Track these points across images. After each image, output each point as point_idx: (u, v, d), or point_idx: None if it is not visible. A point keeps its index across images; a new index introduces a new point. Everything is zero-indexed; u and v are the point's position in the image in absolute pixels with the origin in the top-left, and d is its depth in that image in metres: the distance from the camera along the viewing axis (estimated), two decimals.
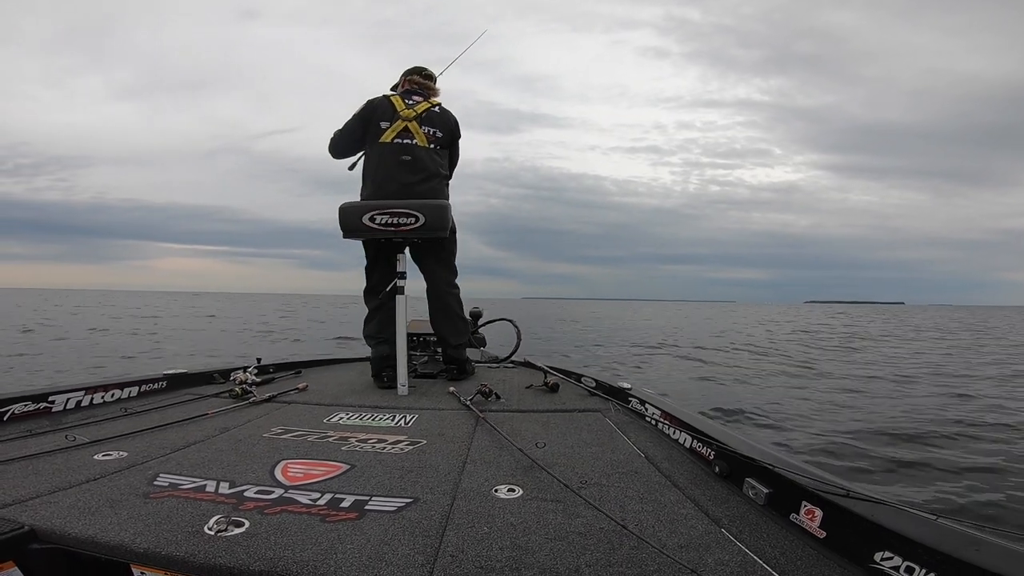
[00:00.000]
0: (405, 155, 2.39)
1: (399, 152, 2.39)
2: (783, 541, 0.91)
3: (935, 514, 0.79)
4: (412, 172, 2.39)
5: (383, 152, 2.40)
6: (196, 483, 1.12)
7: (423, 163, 2.42)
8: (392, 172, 2.38)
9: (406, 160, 2.39)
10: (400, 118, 2.42)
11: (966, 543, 0.71)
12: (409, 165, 2.39)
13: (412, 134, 2.42)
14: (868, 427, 4.37)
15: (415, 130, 2.43)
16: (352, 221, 2.19)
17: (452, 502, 1.05)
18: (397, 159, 2.39)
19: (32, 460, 1.24)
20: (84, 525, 0.89)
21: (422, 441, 1.50)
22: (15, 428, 1.53)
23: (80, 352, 9.22)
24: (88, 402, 1.85)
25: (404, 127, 2.42)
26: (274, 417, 1.78)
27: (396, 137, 2.40)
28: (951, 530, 0.75)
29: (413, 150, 2.41)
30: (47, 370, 6.93)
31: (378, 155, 2.41)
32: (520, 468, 1.27)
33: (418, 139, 2.43)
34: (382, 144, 2.40)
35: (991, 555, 0.67)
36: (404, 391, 2.22)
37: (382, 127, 2.41)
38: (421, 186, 2.39)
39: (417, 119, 2.44)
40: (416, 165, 2.40)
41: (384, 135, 2.40)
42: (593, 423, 1.75)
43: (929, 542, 0.73)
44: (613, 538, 0.89)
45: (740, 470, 1.17)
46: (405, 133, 2.42)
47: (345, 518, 0.95)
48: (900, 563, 0.74)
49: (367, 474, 1.21)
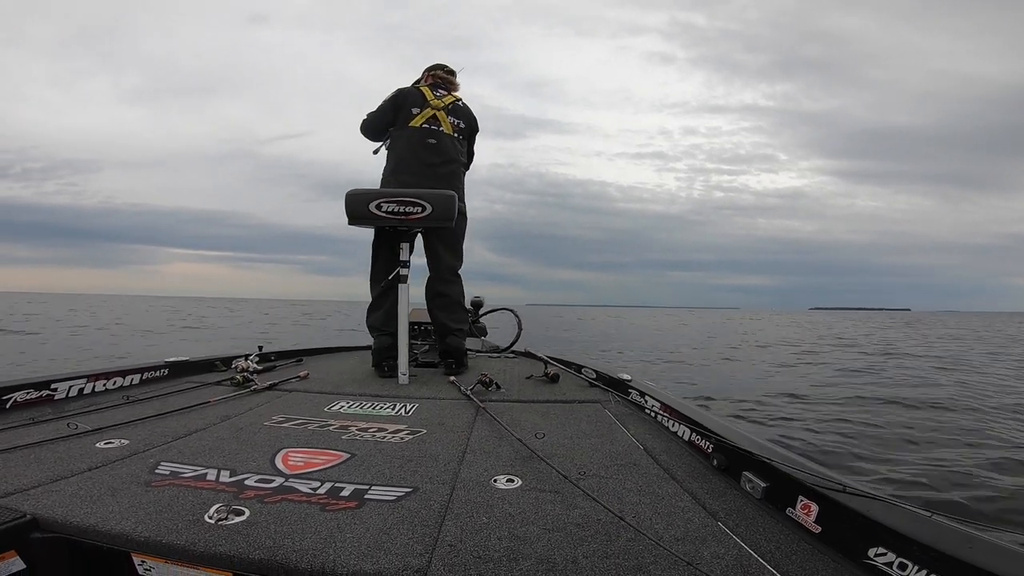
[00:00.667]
0: (431, 139, 2.58)
1: (426, 136, 2.58)
2: (779, 535, 0.91)
3: (930, 511, 0.79)
4: (435, 154, 2.57)
5: (411, 134, 2.57)
6: (197, 471, 1.12)
7: (446, 148, 2.60)
8: (417, 151, 2.56)
9: (431, 143, 2.57)
10: (430, 106, 2.61)
11: (960, 540, 0.71)
12: (433, 148, 2.57)
13: (439, 122, 2.61)
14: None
15: (442, 118, 2.62)
16: (358, 208, 2.17)
17: (451, 492, 1.06)
18: (424, 141, 2.57)
19: (34, 448, 1.25)
20: (85, 514, 0.90)
21: (422, 430, 1.50)
22: (17, 416, 1.54)
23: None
24: (90, 389, 1.86)
25: (432, 115, 2.61)
26: (275, 405, 1.79)
27: (424, 123, 2.59)
28: (945, 527, 0.75)
29: (439, 135, 2.59)
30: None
31: (406, 136, 2.58)
32: (519, 458, 1.27)
33: (444, 127, 2.62)
34: (411, 127, 2.57)
35: (983, 553, 0.68)
36: (405, 380, 2.22)
37: (412, 112, 2.58)
38: (442, 168, 2.57)
39: (444, 109, 2.63)
40: (440, 149, 2.58)
41: (414, 120, 2.58)
42: (593, 414, 1.76)
43: (923, 539, 0.73)
44: (610, 529, 0.90)
45: (738, 464, 1.17)
46: (433, 120, 2.61)
47: (345, 507, 0.96)
48: (894, 559, 0.75)
49: (367, 463, 1.22)
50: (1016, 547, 0.69)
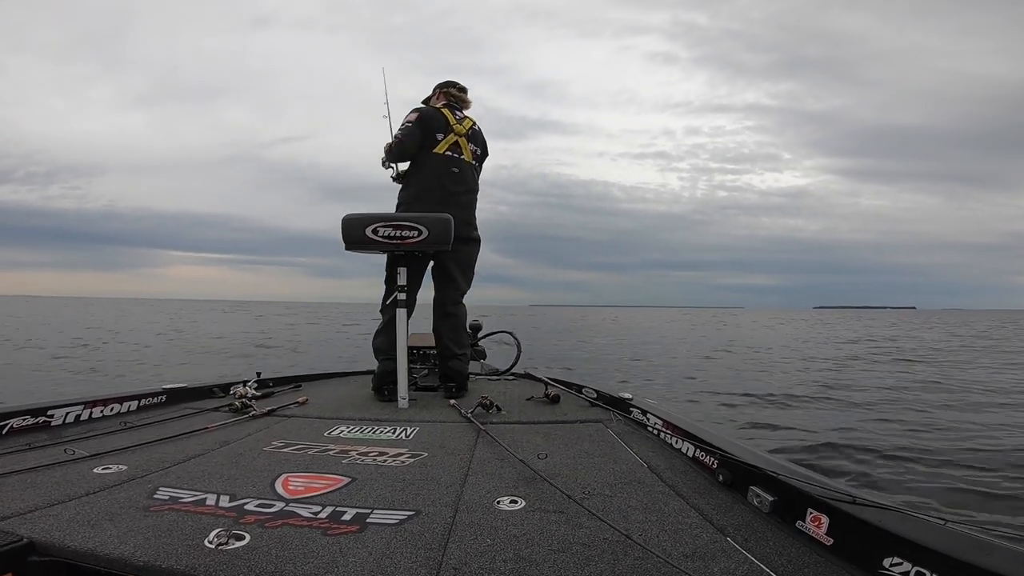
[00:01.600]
0: (454, 168, 2.57)
1: (449, 164, 2.56)
2: (790, 549, 0.90)
3: (943, 519, 0.79)
4: (458, 183, 2.57)
5: (435, 162, 2.55)
6: (196, 496, 1.11)
7: (466, 176, 2.61)
8: (441, 179, 2.54)
9: (455, 172, 2.57)
10: (453, 132, 2.59)
11: (976, 547, 0.70)
12: (457, 177, 2.57)
13: (461, 149, 2.61)
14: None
15: (464, 145, 2.62)
16: (355, 233, 2.18)
17: (454, 514, 1.04)
18: (448, 170, 2.56)
19: (31, 473, 1.23)
20: (83, 538, 0.89)
21: (423, 454, 1.49)
22: (14, 442, 1.52)
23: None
24: (87, 416, 1.84)
25: (456, 141, 2.59)
26: (274, 431, 1.77)
27: (448, 150, 2.57)
28: (960, 535, 0.75)
29: (461, 164, 2.60)
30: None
31: (430, 164, 2.55)
32: (522, 479, 1.26)
33: (465, 155, 2.62)
34: (435, 154, 2.55)
35: (1002, 559, 0.67)
36: (404, 404, 2.20)
37: (438, 138, 2.56)
38: (464, 197, 2.58)
39: (466, 135, 2.63)
40: (461, 177, 2.59)
41: (438, 146, 2.56)
42: (595, 434, 1.74)
43: (939, 547, 0.72)
44: (617, 548, 0.88)
45: (744, 478, 1.16)
46: (455, 147, 2.59)
47: (347, 531, 0.94)
48: (910, 568, 0.74)
49: (368, 487, 1.20)
50: None
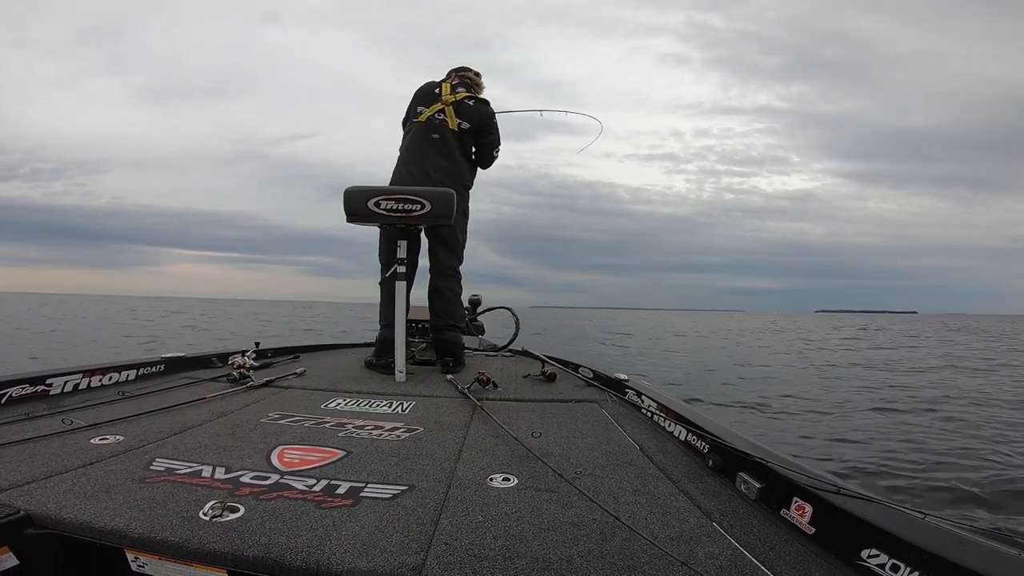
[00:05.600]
0: (434, 134, 2.61)
1: (430, 130, 2.61)
2: (772, 536, 0.92)
3: (923, 512, 0.79)
4: (435, 149, 2.59)
5: (416, 128, 2.63)
6: (192, 468, 1.12)
7: (449, 144, 2.62)
8: (419, 145, 2.59)
9: (435, 138, 2.60)
10: (440, 101, 2.64)
11: (952, 542, 0.71)
12: (436, 143, 2.60)
13: (446, 117, 2.63)
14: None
15: (449, 114, 2.64)
16: (357, 205, 2.16)
17: (447, 490, 1.06)
18: (428, 136, 2.60)
19: (29, 444, 1.24)
20: (79, 510, 0.90)
21: (418, 428, 1.50)
22: (13, 411, 1.53)
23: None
24: (86, 385, 1.85)
25: (441, 108, 2.63)
26: (271, 402, 1.79)
27: (432, 116, 2.62)
28: (938, 529, 0.76)
29: (441, 130, 2.62)
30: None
31: (414, 131, 2.64)
32: (515, 457, 1.28)
33: (449, 122, 2.63)
34: (416, 122, 2.64)
35: (976, 555, 0.68)
36: (402, 378, 2.22)
37: (418, 110, 2.66)
38: (441, 161, 2.58)
39: (454, 105, 2.65)
40: (440, 144, 2.60)
41: (421, 116, 2.64)
42: (589, 414, 1.76)
43: (915, 540, 0.73)
44: (606, 529, 0.90)
45: (733, 464, 1.17)
46: (440, 114, 2.63)
47: (340, 504, 0.96)
48: (886, 561, 0.75)
49: (363, 461, 1.21)
50: (1009, 549, 0.70)
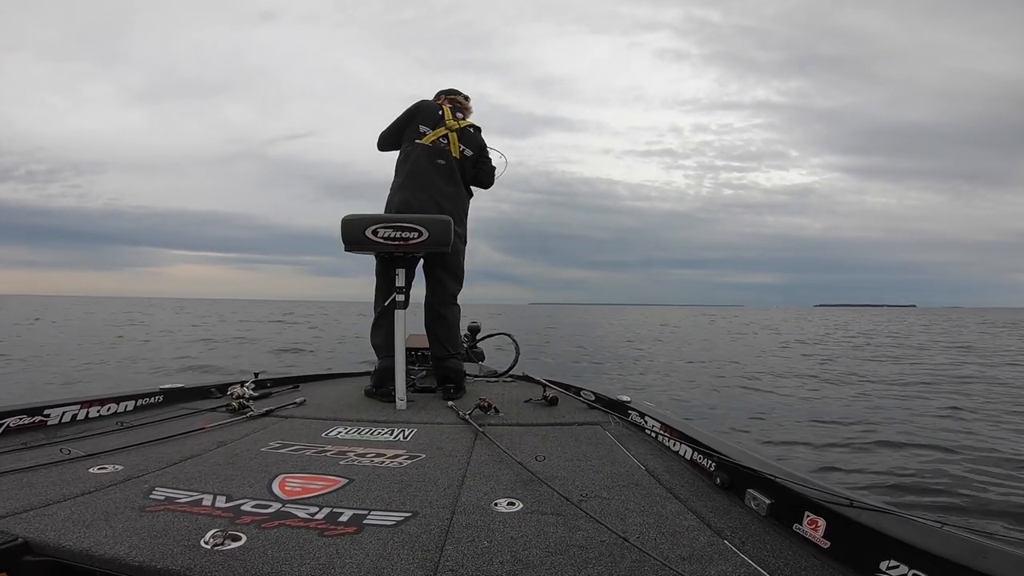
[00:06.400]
0: (440, 159, 2.61)
1: (435, 155, 2.60)
2: (786, 551, 0.90)
3: (940, 522, 0.79)
4: (441, 175, 2.60)
5: (420, 151, 2.60)
6: (192, 497, 1.10)
7: (452, 171, 2.63)
8: (425, 169, 2.57)
9: (440, 164, 2.60)
10: (445, 126, 2.64)
11: (973, 550, 0.71)
12: (441, 169, 2.60)
13: (450, 144, 2.64)
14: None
15: (453, 141, 2.65)
16: (354, 234, 2.17)
17: (451, 516, 1.04)
18: (433, 160, 2.59)
19: (27, 473, 1.23)
20: (78, 538, 0.88)
21: (421, 455, 1.48)
22: (10, 441, 1.51)
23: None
24: (84, 416, 1.83)
25: (445, 134, 2.63)
26: (271, 431, 1.77)
27: (436, 140, 2.62)
28: (957, 538, 0.75)
29: (446, 156, 2.62)
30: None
31: (416, 152, 2.60)
32: (520, 482, 1.26)
33: (453, 150, 2.64)
34: (420, 144, 2.60)
35: (999, 562, 0.67)
36: (403, 405, 2.20)
37: (421, 130, 2.62)
38: (447, 188, 2.60)
39: (459, 132, 2.67)
40: (446, 171, 2.61)
41: (425, 137, 2.61)
42: (593, 436, 1.74)
43: (935, 550, 0.72)
44: (615, 551, 0.88)
45: (741, 481, 1.16)
46: (444, 139, 2.63)
47: (343, 532, 0.94)
48: (906, 571, 0.74)
49: (365, 488, 1.20)
50: None
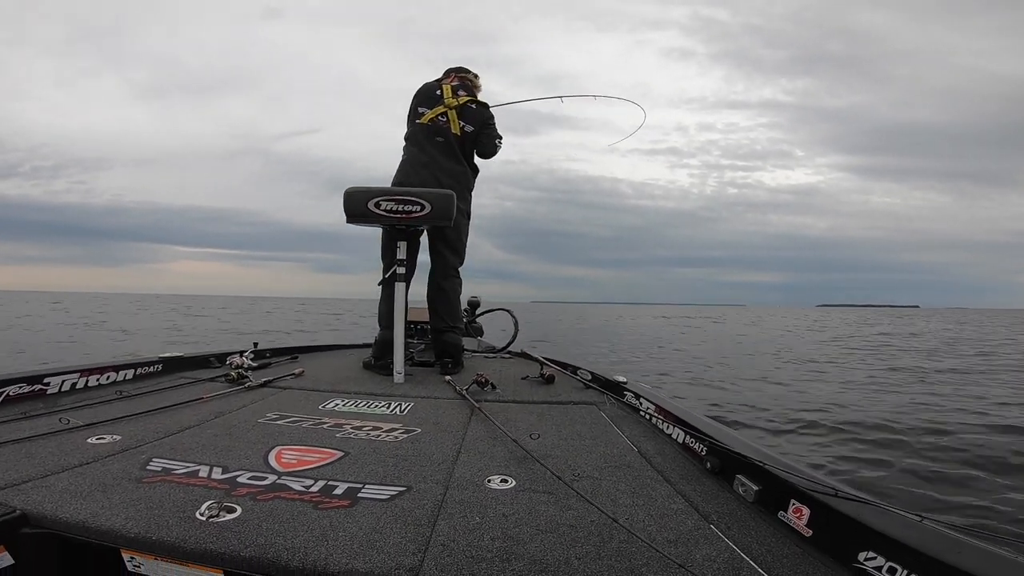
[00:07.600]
0: (438, 136, 2.62)
1: (434, 133, 2.62)
2: (770, 538, 0.92)
3: (920, 515, 0.79)
4: (441, 152, 2.62)
5: (419, 130, 2.64)
6: (189, 468, 1.12)
7: (451, 148, 2.64)
8: (425, 147, 2.61)
9: (439, 141, 2.62)
10: (443, 104, 2.64)
11: (949, 545, 0.71)
12: (440, 146, 2.62)
13: (449, 121, 2.64)
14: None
15: (452, 118, 2.64)
16: (357, 206, 2.16)
17: (445, 492, 1.06)
18: (432, 138, 2.62)
19: (25, 443, 1.24)
20: (76, 510, 0.89)
21: (417, 430, 1.50)
22: (10, 410, 1.53)
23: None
24: (83, 384, 1.84)
25: (444, 111, 2.64)
26: (269, 402, 1.79)
27: (435, 118, 2.63)
28: (935, 532, 0.76)
29: (445, 133, 2.63)
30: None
31: (414, 132, 2.65)
32: (514, 459, 1.27)
33: (452, 127, 2.64)
34: (419, 124, 2.64)
35: (972, 558, 0.68)
36: (400, 379, 2.22)
37: (420, 111, 2.66)
38: (448, 164, 2.61)
39: (458, 109, 2.65)
40: (445, 147, 2.62)
41: (424, 117, 2.64)
42: (588, 416, 1.76)
43: (912, 543, 0.73)
44: (604, 531, 0.90)
45: (731, 467, 1.17)
46: (443, 117, 2.64)
47: (338, 505, 0.95)
48: (883, 563, 0.75)
49: (361, 462, 1.21)
50: (1005, 552, 0.70)
